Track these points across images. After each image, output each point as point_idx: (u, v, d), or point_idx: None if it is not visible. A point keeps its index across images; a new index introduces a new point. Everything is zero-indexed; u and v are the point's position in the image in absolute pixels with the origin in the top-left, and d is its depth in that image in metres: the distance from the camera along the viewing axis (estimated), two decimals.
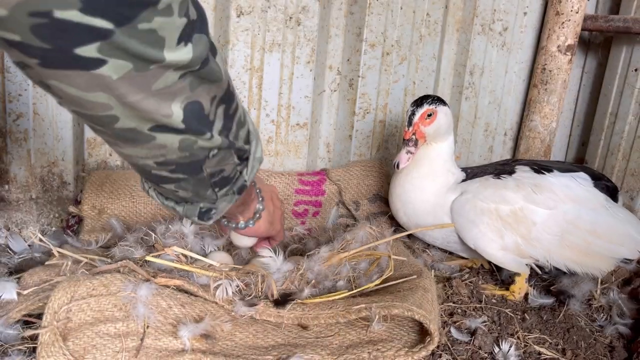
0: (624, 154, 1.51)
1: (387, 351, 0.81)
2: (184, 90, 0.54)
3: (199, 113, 0.58)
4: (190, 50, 0.51)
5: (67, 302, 0.78)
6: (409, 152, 1.09)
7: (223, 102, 0.62)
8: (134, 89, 0.50)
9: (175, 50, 0.49)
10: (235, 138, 0.67)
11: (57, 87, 0.48)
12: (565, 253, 1.07)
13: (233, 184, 0.73)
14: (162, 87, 0.52)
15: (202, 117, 0.59)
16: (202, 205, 0.73)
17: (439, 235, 1.18)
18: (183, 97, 0.55)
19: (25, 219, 1.22)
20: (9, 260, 1.07)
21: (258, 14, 1.29)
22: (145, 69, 0.49)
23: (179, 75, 0.53)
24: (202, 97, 0.58)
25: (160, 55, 0.48)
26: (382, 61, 1.45)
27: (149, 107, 0.52)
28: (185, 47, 0.51)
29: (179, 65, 0.51)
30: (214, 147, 0.63)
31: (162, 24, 0.47)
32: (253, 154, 0.73)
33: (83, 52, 0.44)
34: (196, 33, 0.52)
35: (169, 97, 0.53)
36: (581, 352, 0.95)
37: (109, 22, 0.43)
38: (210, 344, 0.81)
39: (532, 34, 1.60)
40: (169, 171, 0.64)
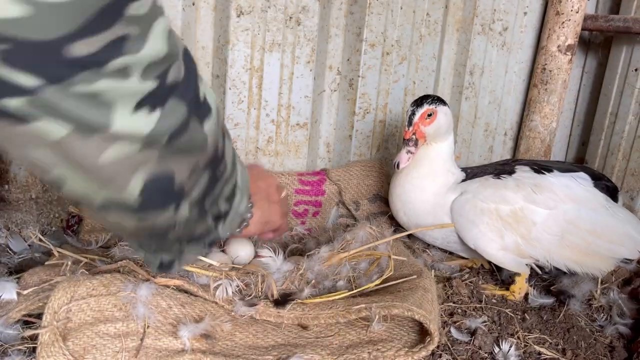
0: (624, 153, 1.51)
1: (387, 351, 0.81)
2: (149, 161, 0.46)
3: (166, 187, 0.50)
4: (154, 120, 0.44)
5: (67, 302, 0.78)
6: (409, 152, 1.09)
7: (207, 168, 0.55)
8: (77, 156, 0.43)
9: (130, 118, 0.42)
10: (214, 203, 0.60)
11: None
12: (565, 253, 1.07)
13: (205, 239, 0.66)
14: (113, 159, 0.44)
15: (169, 190, 0.51)
16: (164, 257, 0.66)
17: (439, 235, 1.18)
18: (147, 169, 0.47)
19: (25, 219, 1.22)
20: (9, 260, 1.07)
21: (258, 14, 1.29)
22: (87, 135, 0.42)
23: (139, 148, 0.44)
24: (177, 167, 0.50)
25: (105, 121, 0.41)
26: (382, 61, 1.45)
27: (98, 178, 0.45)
28: (150, 114, 0.43)
29: (135, 136, 0.43)
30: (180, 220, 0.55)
31: (109, 88, 0.40)
32: (235, 209, 0.66)
33: (9, 104, 0.39)
34: (173, 98, 0.45)
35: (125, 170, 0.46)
36: (581, 352, 0.95)
37: (36, 77, 0.37)
38: (210, 344, 0.80)
39: (532, 33, 1.60)
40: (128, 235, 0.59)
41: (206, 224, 0.62)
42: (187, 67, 0.47)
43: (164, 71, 0.43)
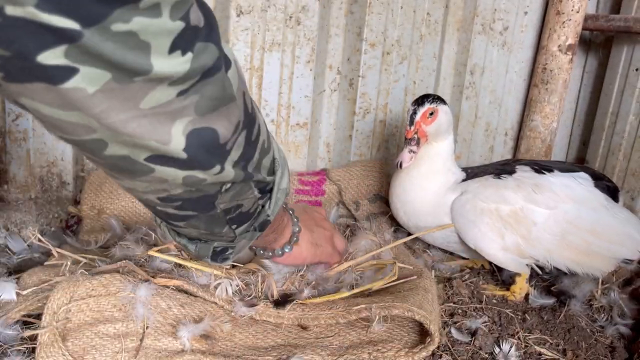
0: (625, 153, 1.51)
1: (387, 352, 0.81)
2: (187, 111, 0.46)
3: (210, 143, 0.49)
4: (188, 60, 0.43)
5: (66, 303, 0.78)
6: (411, 151, 1.09)
7: (245, 126, 0.53)
8: (117, 105, 0.41)
9: (166, 59, 0.41)
10: (257, 169, 0.58)
11: (31, 106, 0.41)
12: (566, 253, 1.07)
13: (254, 219, 0.64)
14: (153, 104, 0.43)
15: (214, 147, 0.50)
16: (216, 244, 0.65)
17: (439, 235, 1.17)
18: (186, 120, 0.46)
19: (25, 219, 1.22)
20: (8, 260, 1.07)
21: (258, 14, 1.29)
22: (127, 81, 0.40)
23: (177, 92, 0.44)
24: (219, 122, 0.49)
25: (146, 63, 0.40)
26: (383, 61, 1.45)
27: (139, 130, 0.44)
28: (183, 56, 0.42)
29: (173, 78, 0.42)
30: (226, 182, 0.54)
31: (145, 26, 0.39)
32: (277, 185, 0.64)
33: (48, 58, 0.36)
34: (200, 41, 0.44)
35: (166, 118, 0.45)
36: (582, 352, 0.95)
37: (73, 21, 0.35)
38: (210, 344, 0.80)
39: (533, 33, 1.60)
40: (175, 208, 0.56)
41: (253, 195, 0.60)
42: (204, 14, 0.45)
43: (186, 12, 0.42)
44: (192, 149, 0.48)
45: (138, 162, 0.47)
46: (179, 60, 0.42)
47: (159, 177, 0.49)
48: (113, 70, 0.39)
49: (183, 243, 0.67)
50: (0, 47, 0.35)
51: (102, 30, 0.37)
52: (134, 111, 0.43)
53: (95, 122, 0.42)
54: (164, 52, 0.41)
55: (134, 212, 1.21)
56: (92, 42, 0.37)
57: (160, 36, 0.40)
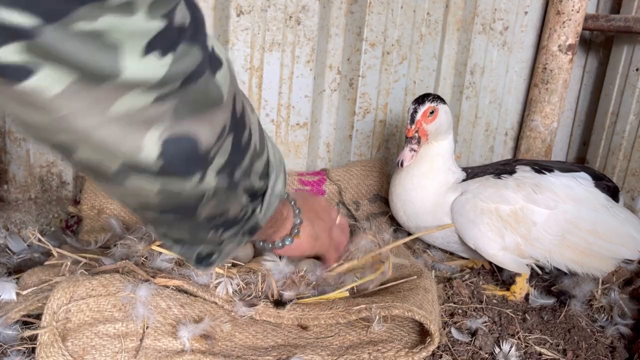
0: (625, 153, 1.51)
1: (387, 352, 0.81)
2: (164, 117, 0.42)
3: (189, 151, 0.46)
4: (166, 64, 0.39)
5: (66, 303, 0.78)
6: (412, 149, 1.09)
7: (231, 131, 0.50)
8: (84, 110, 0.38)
9: (140, 62, 0.38)
10: (246, 174, 0.55)
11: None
12: (566, 253, 1.07)
13: (243, 225, 0.60)
14: (125, 110, 0.40)
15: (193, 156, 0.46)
16: (201, 249, 0.61)
17: (439, 235, 1.17)
18: (163, 127, 0.42)
19: (24, 219, 1.22)
20: (8, 260, 1.07)
21: (258, 13, 1.29)
22: (94, 85, 0.37)
23: (154, 98, 0.40)
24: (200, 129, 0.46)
25: (114, 67, 0.37)
26: (383, 60, 1.45)
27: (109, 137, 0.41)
28: (161, 59, 0.39)
29: (148, 83, 0.39)
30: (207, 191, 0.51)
31: (114, 26, 0.36)
32: (271, 188, 0.61)
33: (7, 54, 0.34)
34: (183, 42, 0.41)
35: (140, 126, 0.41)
36: (582, 352, 0.95)
37: (31, 16, 0.33)
38: (210, 344, 0.80)
39: (533, 33, 1.60)
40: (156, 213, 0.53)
41: (240, 201, 0.57)
42: (192, 13, 0.42)
43: (171, 10, 0.39)
44: (168, 157, 0.44)
45: (109, 172, 0.44)
46: (156, 63, 0.39)
47: (133, 189, 0.47)
48: (77, 71, 0.36)
49: (168, 244, 0.63)
50: None
51: (63, 28, 0.34)
52: (103, 117, 0.39)
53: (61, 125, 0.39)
54: (137, 54, 0.37)
55: None
56: (52, 41, 0.34)
57: (132, 37, 0.37)
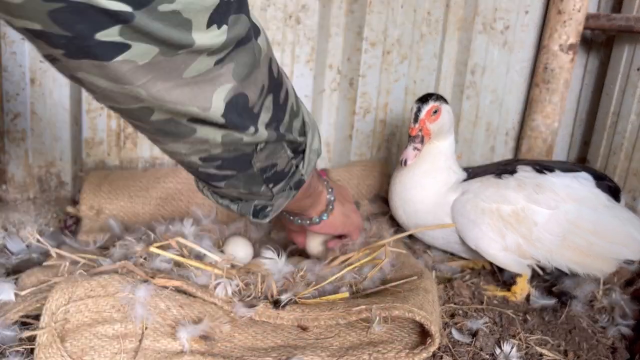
0: (627, 153, 1.51)
1: (387, 353, 0.80)
2: (224, 78, 0.51)
3: (243, 106, 0.54)
4: (224, 32, 0.48)
5: (65, 303, 0.77)
6: (415, 148, 1.08)
7: (271, 90, 0.58)
8: (163, 75, 0.47)
9: (206, 33, 0.46)
10: (288, 130, 0.63)
11: (88, 80, 0.47)
12: (567, 253, 1.07)
13: (289, 178, 0.68)
14: (195, 74, 0.48)
15: (246, 110, 0.55)
16: (256, 203, 0.69)
17: (439, 235, 1.17)
18: (226, 87, 0.51)
19: (23, 219, 1.22)
20: (7, 260, 1.07)
21: (257, 13, 1.28)
22: (172, 54, 0.46)
23: (215, 61, 0.49)
24: (250, 88, 0.54)
25: (188, 38, 0.45)
26: (383, 60, 1.44)
27: (181, 97, 0.49)
28: (219, 29, 0.47)
29: (212, 49, 0.48)
30: (260, 142, 0.59)
31: (186, 5, 0.43)
32: (309, 146, 0.69)
33: (105, 36, 0.42)
34: (233, 14, 0.49)
35: (207, 86, 0.50)
36: (583, 353, 0.94)
37: (126, 4, 0.41)
38: (209, 345, 0.80)
39: (534, 32, 1.60)
40: (216, 167, 0.61)
41: (286, 154, 0.64)
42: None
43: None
44: (229, 114, 0.53)
45: (181, 123, 0.52)
46: (216, 32, 0.47)
47: (200, 137, 0.54)
48: (160, 45, 0.44)
49: (225, 204, 0.71)
50: (63, 28, 0.41)
51: (150, 12, 0.42)
52: (178, 80, 0.48)
53: (143, 91, 0.47)
54: (202, 27, 0.45)
55: (132, 212, 1.20)
56: (143, 23, 0.42)
57: (199, 13, 0.45)
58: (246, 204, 0.70)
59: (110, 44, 0.43)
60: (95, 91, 0.49)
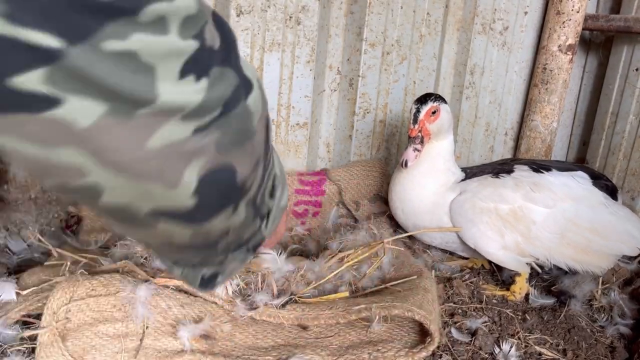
0: (625, 153, 1.51)
1: (387, 352, 0.81)
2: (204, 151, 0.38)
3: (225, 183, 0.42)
4: (203, 89, 0.35)
5: (66, 303, 0.78)
6: (415, 149, 1.09)
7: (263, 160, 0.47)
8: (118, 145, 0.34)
9: (176, 86, 0.34)
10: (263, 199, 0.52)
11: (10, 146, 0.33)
12: (565, 251, 1.07)
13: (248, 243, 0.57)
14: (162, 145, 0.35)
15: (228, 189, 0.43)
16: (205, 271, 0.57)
17: (438, 234, 1.17)
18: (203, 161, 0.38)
19: (24, 219, 1.22)
20: (8, 260, 1.07)
21: (258, 13, 1.29)
22: (129, 114, 0.33)
23: (194, 129, 0.36)
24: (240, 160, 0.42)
25: (150, 91, 0.32)
26: (382, 61, 1.45)
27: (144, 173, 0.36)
28: (196, 83, 0.35)
29: (185, 109, 0.35)
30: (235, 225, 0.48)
31: (147, 45, 0.32)
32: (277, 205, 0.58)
33: (22, 83, 0.29)
34: (215, 65, 0.37)
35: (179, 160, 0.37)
36: (582, 352, 0.95)
37: (54, 36, 0.28)
38: (210, 344, 0.80)
39: (533, 33, 1.60)
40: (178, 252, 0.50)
41: (255, 225, 0.53)
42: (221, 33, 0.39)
43: (200, 30, 0.35)
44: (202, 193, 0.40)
45: (138, 216, 0.40)
46: (192, 87, 0.35)
47: (163, 233, 0.43)
48: (109, 100, 0.32)
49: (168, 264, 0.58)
50: None
51: (91, 49, 0.30)
52: (140, 152, 0.35)
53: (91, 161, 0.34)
54: (172, 77, 0.34)
55: None
56: (79, 64, 0.30)
57: (167, 58, 0.33)
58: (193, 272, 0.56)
59: (31, 94, 0.29)
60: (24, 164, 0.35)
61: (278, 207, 0.59)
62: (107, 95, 0.31)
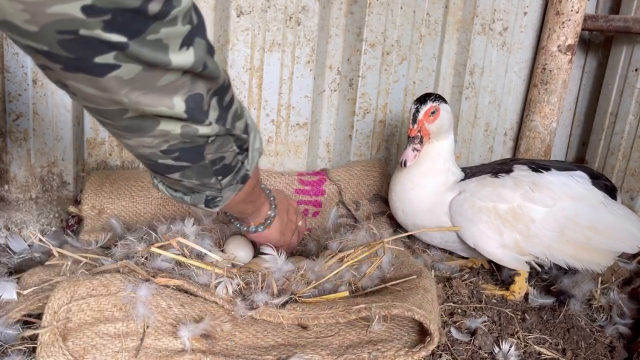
0: (624, 153, 1.51)
1: (387, 351, 0.81)
2: (185, 84, 0.60)
3: (199, 103, 0.64)
4: (192, 54, 0.57)
5: (66, 302, 0.78)
6: (415, 149, 1.09)
7: (216, 94, 0.67)
8: (142, 85, 0.56)
9: (178, 54, 0.56)
10: (232, 127, 0.71)
11: (75, 86, 0.55)
12: (565, 249, 1.08)
13: (236, 173, 0.77)
14: (166, 83, 0.58)
15: (201, 106, 0.65)
16: (207, 194, 0.78)
17: (437, 234, 1.18)
18: (185, 90, 0.61)
19: (25, 219, 1.22)
20: (9, 260, 1.07)
21: (258, 14, 1.29)
22: (152, 70, 0.55)
23: (181, 73, 0.59)
24: (201, 89, 0.63)
25: (167, 59, 0.55)
26: (382, 61, 1.45)
27: (154, 100, 0.58)
28: (187, 50, 0.57)
29: (183, 67, 0.57)
30: (212, 134, 0.68)
31: (167, 34, 0.53)
32: (252, 144, 0.78)
33: (102, 60, 0.51)
34: (197, 37, 0.58)
35: (172, 91, 0.59)
36: (581, 352, 0.95)
37: (123, 36, 0.50)
38: (210, 344, 0.80)
39: (532, 33, 1.60)
40: (173, 159, 0.69)
41: (232, 149, 0.73)
42: (197, 11, 0.59)
43: (190, 17, 0.56)
44: (189, 110, 0.62)
45: (148, 117, 0.61)
46: (186, 54, 0.57)
47: (163, 129, 0.63)
48: (144, 65, 0.54)
49: (178, 197, 0.79)
50: (68, 52, 0.49)
51: (140, 41, 0.51)
52: (152, 88, 0.57)
53: (125, 98, 0.56)
54: (176, 49, 0.55)
55: (134, 212, 1.21)
56: (134, 49, 0.51)
57: (175, 39, 0.55)
58: (198, 195, 0.78)
59: (105, 65, 0.51)
60: (77, 94, 0.57)
61: (253, 147, 0.78)
62: (143, 62, 0.53)
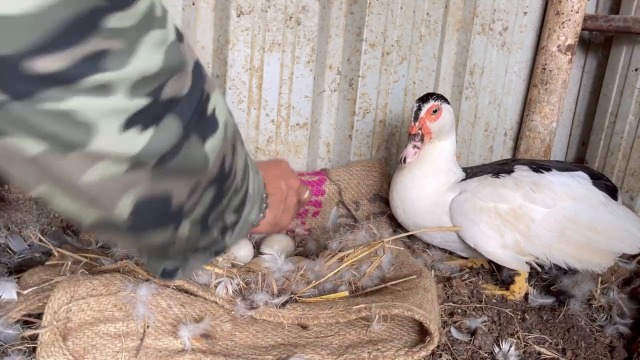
0: (624, 153, 1.51)
1: (387, 351, 0.81)
2: (139, 183, 0.43)
3: (161, 208, 0.47)
4: (145, 140, 0.41)
5: (67, 302, 0.78)
6: (415, 146, 1.09)
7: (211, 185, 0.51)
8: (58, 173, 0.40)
9: (117, 137, 0.39)
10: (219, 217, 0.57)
11: None
12: (565, 249, 1.08)
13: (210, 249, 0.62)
14: (96, 179, 0.41)
15: (165, 212, 0.48)
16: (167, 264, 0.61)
17: (438, 234, 1.18)
18: (138, 190, 0.44)
19: (25, 219, 1.22)
20: (9, 260, 1.07)
21: (258, 14, 1.29)
22: (64, 155, 0.39)
23: (126, 169, 0.41)
24: (175, 188, 0.47)
25: (82, 140, 0.38)
26: (382, 61, 1.45)
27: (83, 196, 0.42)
28: (141, 134, 0.40)
29: (120, 157, 0.40)
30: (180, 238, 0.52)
31: (86, 105, 0.37)
32: (244, 219, 0.64)
33: None
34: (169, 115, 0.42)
35: (114, 190, 0.43)
36: (581, 352, 0.95)
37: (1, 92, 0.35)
38: (210, 343, 0.80)
39: (532, 33, 1.60)
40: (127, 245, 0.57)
41: (211, 237, 0.59)
42: (194, 81, 0.44)
43: (158, 87, 0.41)
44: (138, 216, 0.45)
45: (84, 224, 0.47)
46: (134, 138, 0.40)
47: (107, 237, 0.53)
48: (47, 141, 0.38)
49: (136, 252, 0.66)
50: None
51: (30, 105, 0.36)
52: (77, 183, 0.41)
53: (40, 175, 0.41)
54: (113, 129, 0.39)
55: None
56: (21, 114, 0.36)
57: (109, 115, 0.38)
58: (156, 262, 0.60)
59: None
60: None
61: (245, 221, 0.64)
62: (45, 138, 0.38)
